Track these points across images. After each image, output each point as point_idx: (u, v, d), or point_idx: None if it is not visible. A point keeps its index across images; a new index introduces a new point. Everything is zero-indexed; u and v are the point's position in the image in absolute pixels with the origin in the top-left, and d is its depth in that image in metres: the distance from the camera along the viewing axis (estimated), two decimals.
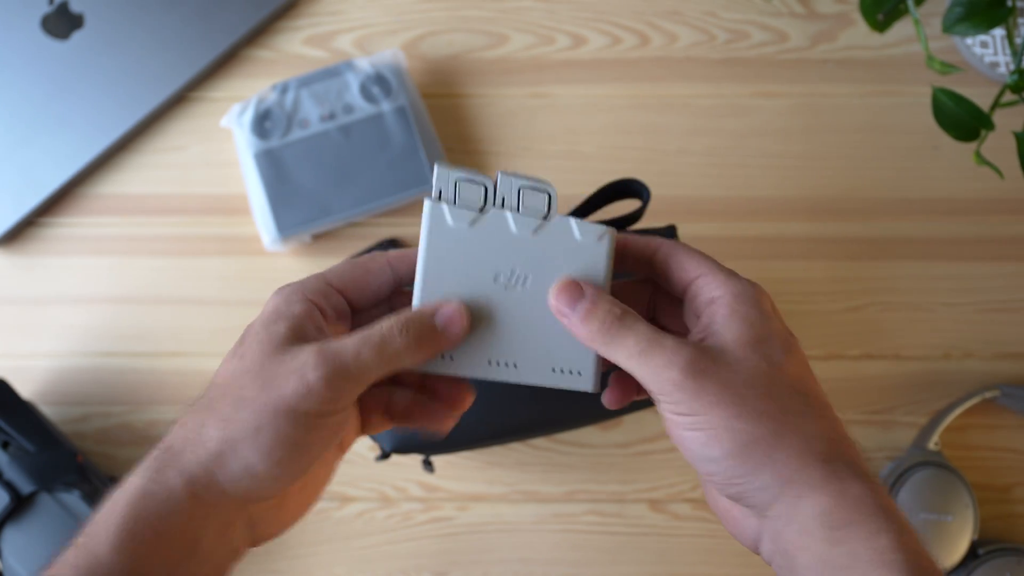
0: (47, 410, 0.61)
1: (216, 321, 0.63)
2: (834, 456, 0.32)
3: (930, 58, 0.55)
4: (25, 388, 0.61)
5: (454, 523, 0.62)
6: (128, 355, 0.63)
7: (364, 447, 0.62)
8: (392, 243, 0.63)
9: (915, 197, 0.65)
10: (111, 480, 0.58)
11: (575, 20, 0.67)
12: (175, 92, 0.66)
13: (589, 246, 0.35)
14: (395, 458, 0.62)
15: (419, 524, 0.62)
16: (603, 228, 0.35)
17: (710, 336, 0.33)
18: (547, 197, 0.35)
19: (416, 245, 0.35)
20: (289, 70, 0.66)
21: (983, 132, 0.53)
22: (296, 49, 0.67)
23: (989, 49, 0.64)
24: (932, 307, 0.64)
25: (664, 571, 0.61)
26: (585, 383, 0.36)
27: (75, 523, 0.54)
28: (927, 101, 0.54)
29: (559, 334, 0.35)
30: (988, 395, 0.61)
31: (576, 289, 0.34)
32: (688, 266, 0.35)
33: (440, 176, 0.35)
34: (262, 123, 0.63)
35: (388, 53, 0.64)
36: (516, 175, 0.35)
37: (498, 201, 0.35)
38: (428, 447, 0.52)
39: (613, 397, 0.38)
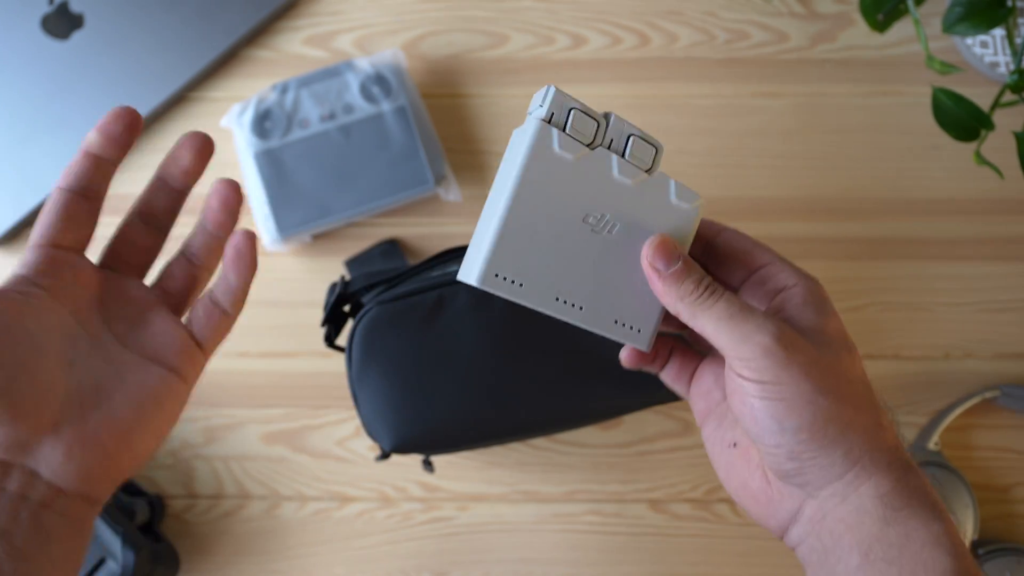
0: None
1: None
2: (895, 447, 0.33)
3: (930, 58, 0.55)
4: None
5: (454, 523, 0.62)
6: None
7: (364, 447, 0.62)
8: (392, 243, 0.63)
9: (915, 197, 0.65)
10: None
11: (575, 20, 0.67)
12: (175, 92, 0.66)
13: (681, 210, 0.35)
14: (395, 458, 0.62)
15: (419, 524, 0.62)
16: (697, 195, 0.36)
17: (786, 320, 0.34)
18: (655, 151, 0.35)
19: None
20: (289, 70, 0.66)
21: (983, 132, 0.53)
22: (296, 49, 0.67)
23: (989, 49, 0.64)
24: (932, 307, 0.64)
25: (664, 571, 0.61)
26: (641, 341, 0.36)
27: None
28: (927, 101, 0.54)
29: (631, 288, 0.35)
30: (988, 395, 0.61)
31: (675, 248, 0.35)
32: (756, 253, 0.36)
33: (556, 100, 0.33)
34: (262, 123, 0.63)
35: (388, 53, 0.64)
36: (629, 122, 0.35)
37: (606, 141, 0.34)
38: (428, 447, 0.52)
39: (633, 357, 0.38)
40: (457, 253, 0.52)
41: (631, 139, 0.34)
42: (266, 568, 0.61)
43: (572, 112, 0.33)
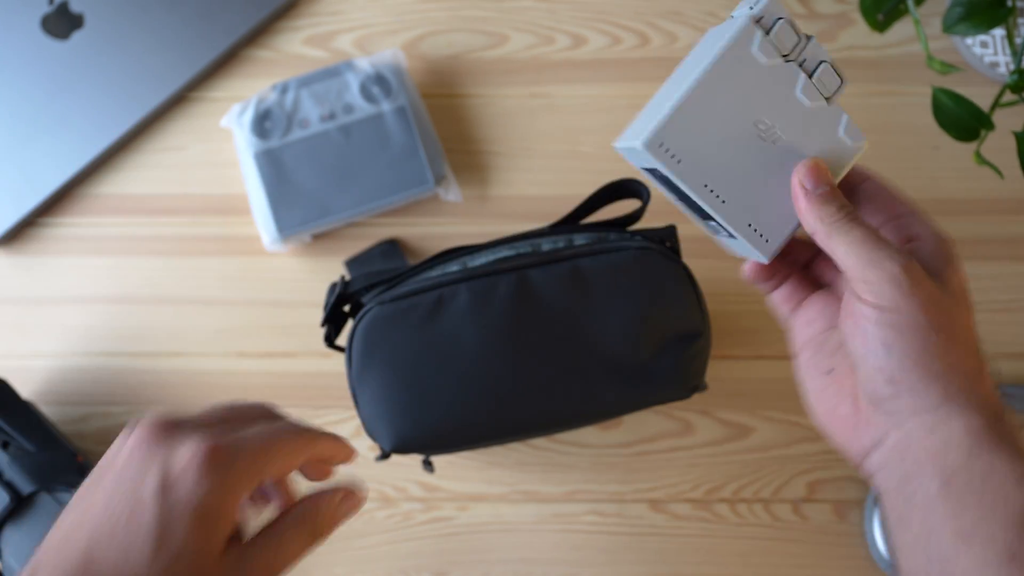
0: (47, 410, 0.61)
1: (216, 321, 0.63)
2: (991, 395, 0.35)
3: (930, 58, 0.55)
4: (25, 388, 0.61)
5: (454, 523, 0.62)
6: (128, 355, 0.63)
7: (364, 447, 0.62)
8: (392, 243, 0.63)
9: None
10: None
11: (575, 20, 0.67)
12: (175, 92, 0.66)
13: (844, 145, 0.38)
14: (395, 458, 0.62)
15: (419, 524, 0.62)
16: (864, 137, 0.38)
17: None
18: (840, 83, 0.37)
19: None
20: (289, 70, 0.66)
21: (983, 132, 0.53)
22: (296, 49, 0.67)
23: (989, 49, 0.64)
24: None
25: (664, 571, 0.61)
26: (766, 251, 0.38)
27: None
28: (927, 101, 0.54)
29: (775, 199, 0.37)
30: None
31: (826, 173, 0.37)
32: (898, 201, 0.39)
33: (769, 5, 0.35)
34: (262, 123, 0.63)
35: (388, 53, 0.64)
36: (824, 50, 0.37)
37: (800, 59, 0.36)
38: (428, 447, 0.52)
39: (755, 270, 0.41)
40: (457, 253, 0.52)
41: (822, 65, 0.37)
42: None
43: (779, 21, 0.35)
